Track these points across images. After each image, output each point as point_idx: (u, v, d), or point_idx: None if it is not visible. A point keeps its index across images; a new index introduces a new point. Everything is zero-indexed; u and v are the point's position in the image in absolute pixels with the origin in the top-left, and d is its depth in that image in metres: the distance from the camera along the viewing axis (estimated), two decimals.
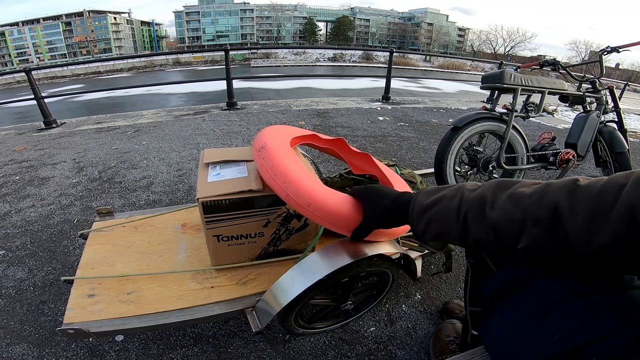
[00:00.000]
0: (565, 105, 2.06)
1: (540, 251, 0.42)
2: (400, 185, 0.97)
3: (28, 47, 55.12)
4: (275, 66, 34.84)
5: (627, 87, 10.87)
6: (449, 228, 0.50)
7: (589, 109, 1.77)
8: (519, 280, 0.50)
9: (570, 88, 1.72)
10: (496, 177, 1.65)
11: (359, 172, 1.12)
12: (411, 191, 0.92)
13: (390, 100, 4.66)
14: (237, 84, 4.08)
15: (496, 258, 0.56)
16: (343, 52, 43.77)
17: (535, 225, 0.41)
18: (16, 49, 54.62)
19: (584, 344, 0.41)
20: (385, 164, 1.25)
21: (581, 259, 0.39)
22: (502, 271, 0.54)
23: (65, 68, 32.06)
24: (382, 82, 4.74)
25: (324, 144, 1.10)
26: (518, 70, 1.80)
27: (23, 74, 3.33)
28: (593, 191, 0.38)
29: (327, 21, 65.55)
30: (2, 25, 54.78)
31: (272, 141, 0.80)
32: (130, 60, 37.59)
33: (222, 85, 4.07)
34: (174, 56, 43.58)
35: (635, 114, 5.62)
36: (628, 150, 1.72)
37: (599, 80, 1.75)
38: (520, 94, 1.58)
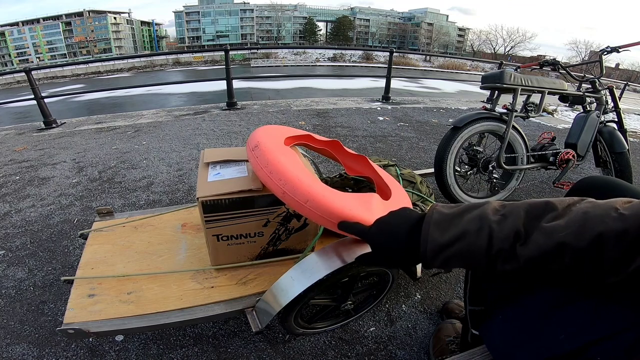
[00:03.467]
0: (565, 105, 2.06)
1: (567, 278, 0.42)
2: (397, 190, 0.96)
3: (28, 47, 55.12)
4: (275, 66, 34.86)
5: (627, 87, 10.88)
6: (472, 264, 0.46)
7: (589, 109, 1.77)
8: (523, 280, 0.50)
9: (570, 88, 1.72)
10: (496, 177, 1.65)
11: (355, 174, 1.11)
12: (408, 199, 0.91)
13: (390, 100, 4.66)
14: (237, 84, 4.08)
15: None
16: (343, 52, 43.78)
17: (572, 257, 0.39)
18: (16, 49, 54.61)
19: (589, 344, 0.41)
20: (385, 164, 1.25)
21: (607, 282, 0.39)
22: None
23: (65, 68, 32.07)
24: (382, 82, 4.75)
25: (319, 144, 1.08)
26: (518, 70, 1.80)
27: (23, 74, 3.33)
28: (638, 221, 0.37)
29: (327, 21, 65.55)
30: (2, 25, 54.78)
31: (266, 139, 0.80)
32: (130, 60, 37.60)
33: (222, 85, 4.07)
34: (174, 56, 43.62)
35: (635, 114, 5.62)
36: (628, 150, 1.72)
37: (598, 80, 1.75)
38: (520, 94, 1.58)
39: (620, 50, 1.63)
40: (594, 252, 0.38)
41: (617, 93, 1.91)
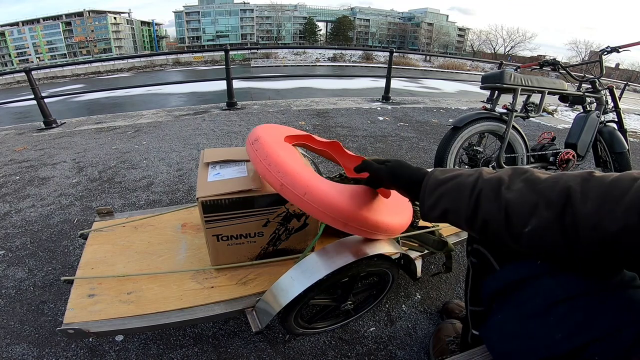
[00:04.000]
0: (565, 105, 2.06)
1: (546, 236, 0.42)
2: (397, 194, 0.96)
3: (28, 47, 55.10)
4: (275, 66, 34.82)
5: (627, 87, 10.87)
6: (460, 204, 0.50)
7: (589, 109, 1.77)
8: (522, 279, 0.50)
9: (570, 88, 1.72)
10: None
11: (355, 176, 1.11)
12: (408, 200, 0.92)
13: (390, 100, 4.66)
14: (237, 84, 4.08)
15: (499, 254, 0.55)
16: (343, 52, 43.74)
17: (547, 207, 0.42)
18: (16, 49, 54.59)
19: (586, 344, 0.41)
20: None
21: (587, 246, 0.39)
22: (505, 269, 0.54)
23: (65, 68, 32.06)
24: (382, 82, 4.74)
25: (319, 145, 1.07)
26: (518, 70, 1.80)
27: (23, 74, 3.32)
28: (606, 180, 0.40)
29: (327, 21, 65.54)
30: (2, 25, 54.77)
31: (266, 135, 0.80)
32: (130, 60, 37.57)
33: (222, 85, 4.07)
34: (174, 56, 43.59)
35: (635, 114, 5.62)
36: (628, 150, 1.72)
37: (599, 80, 1.75)
38: (520, 94, 1.58)
39: (620, 50, 1.63)
40: (564, 204, 0.40)
41: (617, 93, 1.91)
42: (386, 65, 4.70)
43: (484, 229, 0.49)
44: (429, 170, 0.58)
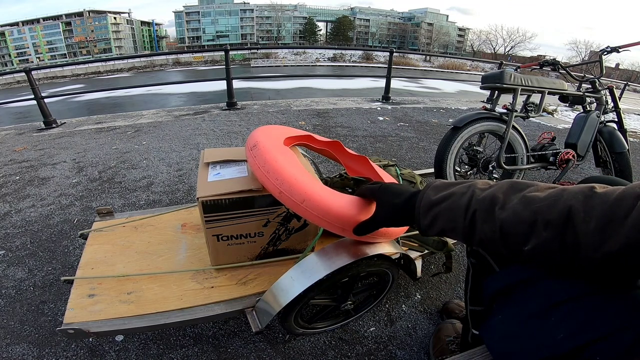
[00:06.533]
0: (565, 105, 2.06)
1: (547, 254, 0.42)
2: None
3: (28, 47, 55.08)
4: (275, 66, 34.85)
5: (627, 87, 10.87)
6: (456, 225, 0.50)
7: (589, 109, 1.77)
8: (523, 279, 0.50)
9: (570, 88, 1.72)
10: (496, 177, 1.65)
11: (355, 175, 1.11)
12: None
13: (390, 100, 4.66)
14: (237, 84, 4.08)
15: (500, 259, 0.55)
16: (343, 52, 43.76)
17: (545, 227, 0.41)
18: (16, 49, 54.57)
19: (588, 343, 0.41)
20: (385, 164, 1.25)
21: (588, 264, 0.39)
22: (506, 270, 0.54)
23: (65, 68, 32.07)
24: (382, 82, 4.74)
25: (320, 145, 1.08)
26: (518, 70, 1.80)
27: (23, 74, 3.33)
28: (609, 199, 0.38)
29: (327, 21, 65.53)
30: (2, 25, 54.76)
31: (264, 139, 0.80)
32: (130, 60, 37.58)
33: (222, 85, 4.07)
34: (174, 56, 43.63)
35: (635, 114, 5.62)
36: (628, 150, 1.72)
37: (598, 80, 1.75)
38: (520, 94, 1.58)
39: (620, 50, 1.63)
40: (564, 224, 0.40)
41: (617, 93, 1.91)
42: (386, 65, 4.70)
43: (483, 246, 0.49)
44: (420, 189, 0.58)
